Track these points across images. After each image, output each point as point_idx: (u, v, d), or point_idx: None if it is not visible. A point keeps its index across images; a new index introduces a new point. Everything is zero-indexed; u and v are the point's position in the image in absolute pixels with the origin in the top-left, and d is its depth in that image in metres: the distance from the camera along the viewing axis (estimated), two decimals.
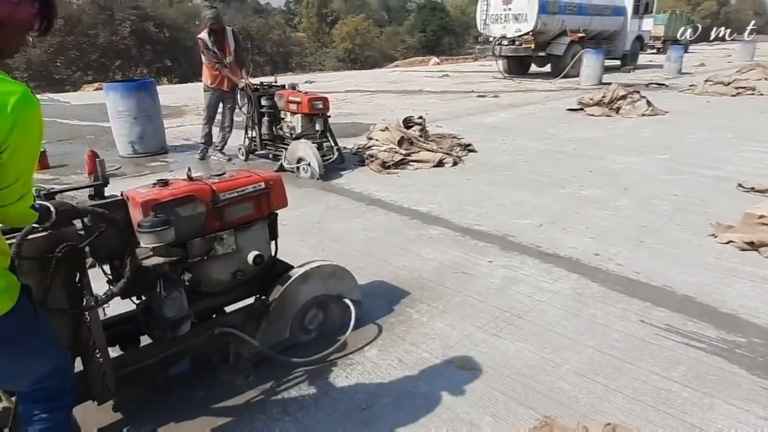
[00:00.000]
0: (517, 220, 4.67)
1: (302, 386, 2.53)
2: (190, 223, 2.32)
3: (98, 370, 2.10)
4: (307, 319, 2.80)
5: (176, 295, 2.22)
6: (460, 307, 3.22)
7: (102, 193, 2.21)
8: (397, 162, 6.52)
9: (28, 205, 1.44)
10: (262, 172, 2.68)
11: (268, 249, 2.68)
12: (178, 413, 2.37)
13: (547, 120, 9.79)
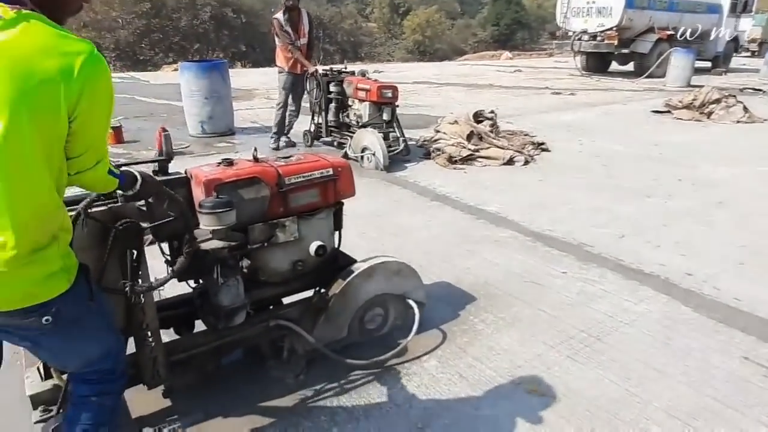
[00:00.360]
0: (596, 229, 4.26)
1: (353, 394, 2.33)
2: (253, 206, 2.19)
3: (149, 354, 2.02)
4: (367, 318, 2.61)
5: (233, 282, 2.08)
6: (530, 321, 2.91)
7: (166, 169, 2.14)
8: (465, 157, 6.20)
9: (106, 170, 1.42)
10: (331, 157, 2.50)
11: (331, 240, 2.51)
12: (225, 406, 2.25)
13: (630, 121, 9.09)
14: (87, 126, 1.29)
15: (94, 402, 1.58)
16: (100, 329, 1.52)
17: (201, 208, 1.96)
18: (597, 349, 2.66)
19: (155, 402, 2.26)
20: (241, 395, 2.33)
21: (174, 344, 2.23)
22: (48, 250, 1.29)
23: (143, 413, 2.21)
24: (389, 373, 2.47)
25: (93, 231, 1.80)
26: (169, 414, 2.20)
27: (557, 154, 6.78)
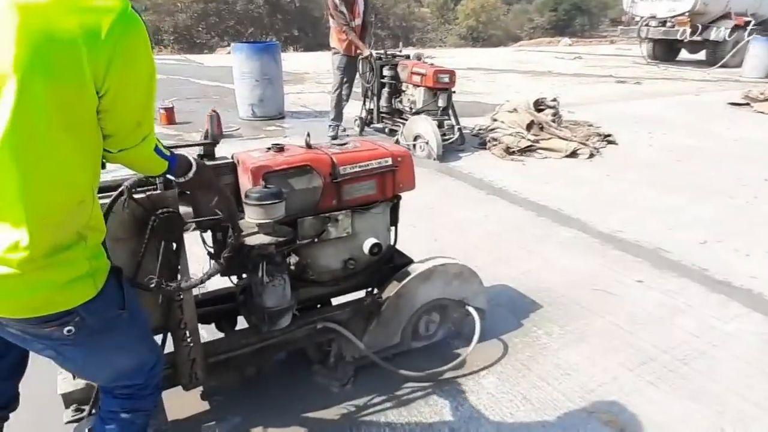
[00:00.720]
0: (673, 232, 3.83)
1: (403, 411, 2.10)
2: (304, 197, 2.00)
3: (187, 355, 1.87)
4: (422, 325, 2.38)
5: (279, 282, 1.88)
6: (602, 336, 2.58)
7: (212, 153, 1.98)
8: (524, 148, 5.81)
9: (152, 148, 1.25)
10: (390, 145, 2.26)
11: (387, 237, 2.30)
12: (264, 413, 2.08)
13: (703, 114, 8.37)
14: (123, 98, 1.09)
15: (123, 419, 1.41)
16: (133, 340, 1.34)
17: (247, 198, 1.77)
18: (683, 375, 2.31)
19: (194, 403, 2.13)
20: (282, 402, 2.15)
21: (213, 345, 2.07)
22: (72, 250, 1.10)
23: (179, 416, 2.07)
24: (443, 388, 2.22)
25: (128, 220, 1.65)
26: (206, 418, 2.05)
27: (625, 147, 6.27)
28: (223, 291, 2.31)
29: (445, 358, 2.34)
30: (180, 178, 1.44)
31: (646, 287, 3.05)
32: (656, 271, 3.25)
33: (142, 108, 1.15)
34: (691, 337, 2.58)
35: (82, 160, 1.08)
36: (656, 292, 2.99)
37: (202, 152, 2.00)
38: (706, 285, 3.08)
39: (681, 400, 2.16)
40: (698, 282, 3.11)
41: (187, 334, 1.85)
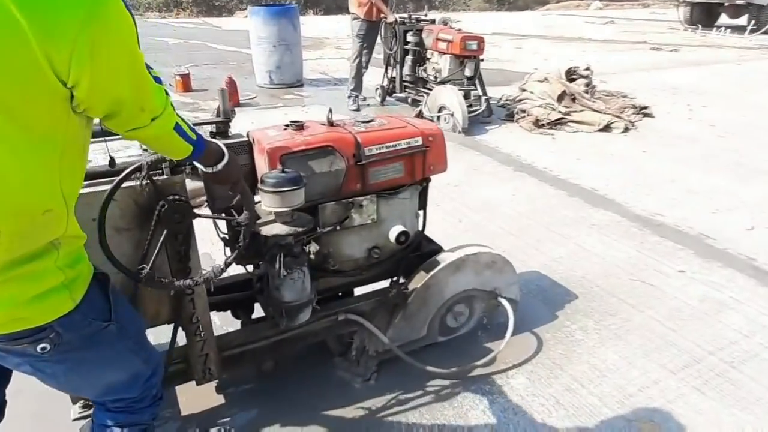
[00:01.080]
0: (717, 216, 3.56)
1: (425, 412, 1.95)
2: (325, 181, 1.84)
3: (200, 350, 1.75)
4: (450, 317, 2.22)
5: (298, 275, 1.73)
6: (641, 333, 2.38)
7: (226, 131, 1.81)
8: (554, 121, 5.50)
9: (170, 127, 1.09)
10: (420, 122, 2.07)
11: (414, 223, 2.13)
12: (282, 408, 1.98)
13: (747, 85, 7.85)
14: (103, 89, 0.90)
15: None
16: (123, 354, 1.18)
17: (263, 185, 1.61)
18: (732, 380, 2.11)
19: (209, 396, 2.03)
20: (300, 397, 2.03)
21: (228, 338, 1.95)
22: (40, 261, 0.93)
23: (193, 410, 1.98)
24: (469, 388, 2.06)
25: (131, 209, 1.49)
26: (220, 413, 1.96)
27: (662, 120, 5.90)
28: (239, 277, 2.18)
29: (474, 353, 2.20)
30: (209, 167, 1.28)
31: (688, 278, 2.82)
32: (699, 260, 3.01)
33: (133, 93, 0.96)
34: (740, 336, 2.36)
35: (43, 164, 0.88)
36: (700, 284, 2.76)
37: (214, 130, 1.83)
38: (755, 277, 2.83)
39: (731, 409, 1.97)
40: (746, 274, 2.86)
41: (200, 328, 1.73)
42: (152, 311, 1.66)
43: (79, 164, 0.99)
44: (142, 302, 1.62)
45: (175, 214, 1.49)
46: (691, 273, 2.87)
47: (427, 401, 2.01)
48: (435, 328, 2.20)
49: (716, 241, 3.21)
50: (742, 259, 3.01)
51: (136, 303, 1.60)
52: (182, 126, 1.11)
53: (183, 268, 1.59)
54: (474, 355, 2.18)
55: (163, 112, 1.03)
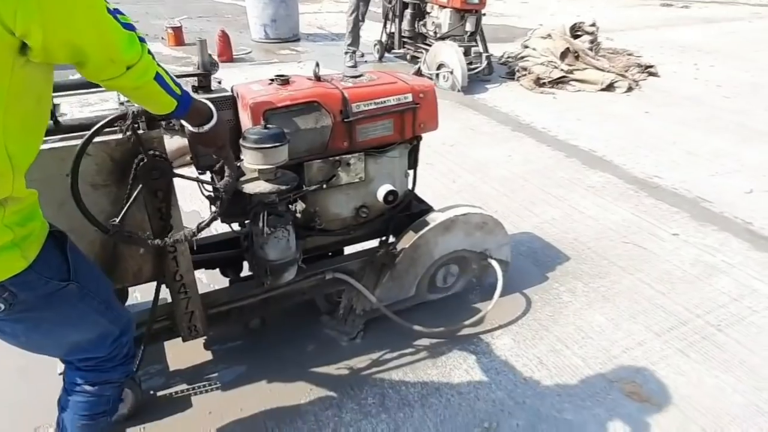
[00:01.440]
0: (716, 179, 3.50)
1: (409, 371, 1.97)
2: (311, 138, 1.79)
3: (185, 308, 1.75)
4: (439, 277, 2.22)
5: (282, 234, 1.70)
6: (630, 296, 2.37)
7: (208, 85, 1.75)
8: (556, 79, 5.36)
9: (148, 75, 1.02)
10: (411, 78, 1.98)
11: (404, 183, 2.09)
12: (269, 365, 1.99)
13: (758, 43, 7.62)
14: (59, 39, 0.85)
15: (88, 392, 1.28)
16: (86, 313, 1.16)
17: (244, 141, 1.56)
18: (718, 343, 2.11)
19: (196, 353, 2.05)
20: (288, 354, 2.05)
21: (214, 295, 1.95)
22: None
23: (180, 366, 2.00)
24: (454, 348, 2.07)
25: (107, 164, 1.46)
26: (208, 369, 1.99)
27: (667, 80, 5.75)
28: (227, 235, 2.16)
29: (462, 313, 2.20)
30: (196, 127, 1.24)
31: (682, 241, 2.79)
32: (695, 223, 2.97)
33: (96, 41, 0.90)
34: (729, 300, 2.35)
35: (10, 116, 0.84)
36: (693, 248, 2.73)
37: (196, 84, 1.77)
38: (749, 241, 2.80)
39: (713, 371, 1.97)
40: (741, 237, 2.83)
41: (184, 286, 1.72)
42: (134, 268, 1.65)
43: (32, 120, 0.94)
44: (124, 259, 1.61)
45: (153, 171, 1.46)
46: (685, 236, 2.84)
47: (412, 360, 2.02)
48: (425, 287, 2.20)
49: (713, 204, 3.16)
50: (738, 223, 2.97)
51: (116, 260, 1.59)
52: (165, 78, 1.06)
53: (164, 226, 1.57)
54: (462, 315, 2.18)
55: (138, 61, 0.97)
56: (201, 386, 1.89)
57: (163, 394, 1.86)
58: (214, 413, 1.78)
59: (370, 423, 1.75)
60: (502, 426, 1.75)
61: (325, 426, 1.74)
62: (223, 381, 1.92)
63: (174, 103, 1.11)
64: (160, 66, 1.06)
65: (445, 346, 2.08)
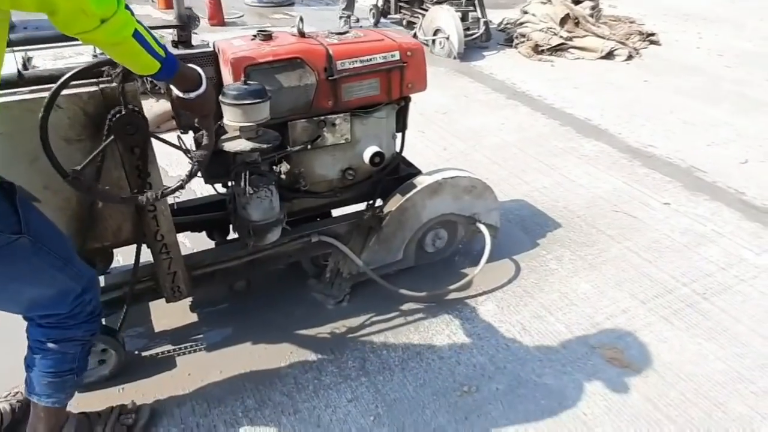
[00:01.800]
0: (711, 149, 3.45)
1: (392, 334, 1.97)
2: (294, 97, 1.75)
3: (168, 268, 1.74)
4: (427, 241, 2.20)
5: (265, 194, 1.68)
6: (617, 264, 2.36)
7: (188, 39, 1.71)
8: (554, 46, 5.24)
9: (125, 32, 0.99)
10: (399, 36, 1.92)
11: (391, 145, 2.06)
12: (255, 327, 2.00)
13: (762, 12, 7.43)
14: None
15: (52, 349, 1.27)
16: (42, 269, 1.14)
17: (223, 96, 1.52)
18: (702, 310, 2.10)
19: (182, 315, 2.05)
20: (274, 316, 2.05)
21: (198, 256, 1.94)
22: None
23: (166, 327, 2.01)
24: (437, 313, 2.06)
25: (80, 118, 1.42)
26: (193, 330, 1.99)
27: (669, 48, 5.62)
28: (212, 197, 2.14)
29: (449, 278, 2.19)
30: (183, 92, 1.22)
31: (673, 211, 2.76)
32: (687, 192, 2.93)
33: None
34: (716, 269, 2.34)
35: None
36: (684, 217, 2.70)
37: (175, 38, 1.71)
38: (741, 211, 2.77)
39: (696, 338, 1.97)
40: (733, 207, 2.80)
41: (165, 246, 1.70)
42: (113, 227, 1.63)
43: None
44: (102, 218, 1.59)
45: (127, 126, 1.42)
46: (677, 205, 2.80)
47: (395, 325, 2.02)
48: (412, 251, 2.18)
49: (707, 174, 3.12)
50: (731, 193, 2.94)
51: (94, 218, 1.57)
52: (145, 37, 1.03)
53: (142, 184, 1.54)
54: (449, 280, 2.17)
55: (113, 15, 0.94)
56: (184, 347, 1.90)
57: (147, 355, 1.87)
58: (193, 374, 1.79)
59: (350, 386, 1.76)
60: (481, 390, 1.75)
61: (304, 388, 1.74)
62: (207, 342, 1.93)
63: (157, 64, 1.09)
64: (141, 25, 1.03)
65: (428, 311, 2.07)
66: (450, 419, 1.65)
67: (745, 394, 1.75)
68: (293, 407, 1.68)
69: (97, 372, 1.74)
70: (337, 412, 1.66)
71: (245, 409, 1.67)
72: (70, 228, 1.55)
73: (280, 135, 1.70)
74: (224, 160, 1.73)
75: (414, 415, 1.66)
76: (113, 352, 1.73)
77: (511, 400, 1.71)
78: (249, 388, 1.74)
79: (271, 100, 1.57)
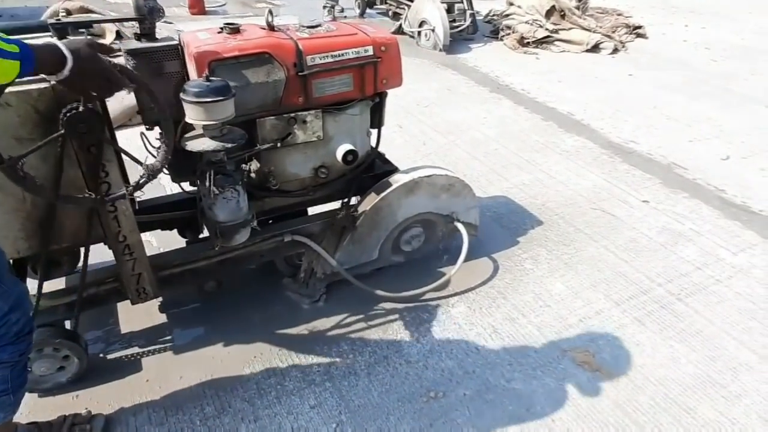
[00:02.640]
0: (693, 145, 3.42)
1: (359, 338, 1.92)
2: (262, 93, 1.68)
3: (132, 269, 1.68)
4: (404, 240, 2.16)
5: (231, 194, 1.62)
6: (593, 264, 2.32)
7: (152, 32, 1.62)
8: (540, 39, 5.17)
9: None
10: (372, 30, 1.86)
11: (366, 142, 2.00)
12: (228, 327, 1.96)
13: (752, 4, 7.40)
14: None
15: None
16: None
17: (184, 93, 1.45)
18: (676, 312, 2.07)
19: (150, 316, 2.00)
20: (247, 316, 2.02)
21: (165, 257, 1.88)
22: None
23: (133, 329, 1.95)
24: (408, 316, 2.02)
25: (31, 116, 1.35)
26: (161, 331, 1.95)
27: (655, 41, 5.58)
28: (182, 195, 2.06)
29: (426, 278, 2.15)
30: (54, 75, 1.10)
31: (651, 209, 2.73)
32: (667, 190, 2.90)
33: None
34: (692, 268, 2.31)
35: None
36: (662, 215, 2.67)
37: (140, 32, 1.64)
38: (720, 209, 2.74)
39: (669, 341, 1.94)
40: (712, 205, 2.77)
41: (128, 247, 1.64)
42: (72, 228, 1.57)
43: None
44: (60, 218, 1.53)
45: (80, 124, 1.35)
46: (655, 203, 2.77)
47: (365, 327, 1.97)
48: (388, 250, 2.14)
49: (687, 171, 3.09)
50: (711, 190, 2.91)
51: (51, 219, 1.50)
52: None
53: (99, 185, 1.47)
54: (426, 279, 2.13)
55: None
56: (147, 351, 1.86)
57: (109, 358, 1.81)
58: (152, 380, 1.73)
59: (314, 392, 1.71)
60: (448, 395, 1.71)
61: (266, 394, 1.70)
62: (172, 345, 1.88)
63: (16, 64, 0.96)
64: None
65: (399, 314, 2.03)
66: (414, 426, 1.61)
67: (716, 399, 1.73)
68: (254, 414, 1.63)
69: (54, 378, 1.69)
70: (299, 420, 1.62)
71: (204, 417, 1.62)
72: (26, 230, 1.49)
73: (249, 133, 1.63)
74: (191, 158, 1.67)
75: (378, 421, 1.62)
76: (76, 359, 1.67)
77: (478, 406, 1.68)
78: (209, 394, 1.69)
79: (237, 96, 1.51)
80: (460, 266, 2.11)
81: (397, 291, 2.04)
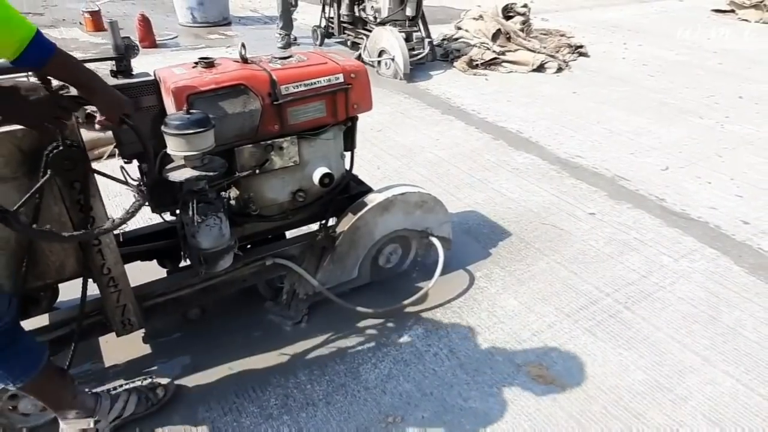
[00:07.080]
0: (635, 158, 3.59)
1: (316, 366, 1.91)
2: (240, 123, 1.73)
3: (116, 302, 1.68)
4: (382, 258, 2.22)
5: (213, 222, 1.64)
6: (544, 278, 2.39)
7: (128, 69, 1.65)
8: (488, 61, 5.35)
9: None
10: (342, 58, 1.92)
11: (340, 165, 2.06)
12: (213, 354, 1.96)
13: (685, 22, 7.87)
14: None
15: None
16: None
17: (165, 126, 1.49)
18: (624, 320, 2.15)
19: (134, 347, 1.97)
20: (232, 341, 2.02)
21: (148, 287, 1.86)
22: None
23: (117, 361, 1.92)
24: (365, 342, 2.02)
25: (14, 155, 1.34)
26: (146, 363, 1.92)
27: (597, 60, 5.86)
28: (162, 225, 2.06)
29: (407, 293, 2.21)
30: None
31: (598, 220, 2.84)
32: (612, 202, 3.03)
33: None
34: (638, 277, 2.40)
35: None
36: (608, 227, 2.78)
37: (114, 69, 1.65)
38: (661, 217, 2.88)
39: (618, 349, 2.01)
40: (654, 214, 2.90)
41: (113, 279, 1.64)
42: (56, 264, 1.55)
43: None
44: (44, 254, 1.51)
45: (65, 161, 1.36)
46: (601, 215, 2.89)
47: (322, 354, 1.97)
48: (367, 268, 2.19)
49: (630, 183, 3.24)
50: (652, 200, 3.05)
51: (35, 255, 1.48)
52: None
53: (85, 219, 1.48)
54: (402, 294, 2.19)
55: None
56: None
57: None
58: None
59: (271, 426, 1.69)
60: (407, 419, 1.72)
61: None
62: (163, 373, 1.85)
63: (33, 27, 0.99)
64: None
65: (356, 339, 2.03)
66: None
67: (663, 403, 1.79)
68: None
69: (41, 417, 1.64)
70: None
71: None
72: (10, 268, 1.46)
73: (227, 161, 1.66)
74: (171, 188, 1.68)
75: None
76: None
77: (436, 428, 1.69)
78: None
79: (215, 127, 1.54)
80: (437, 279, 2.18)
81: (374, 307, 2.09)
